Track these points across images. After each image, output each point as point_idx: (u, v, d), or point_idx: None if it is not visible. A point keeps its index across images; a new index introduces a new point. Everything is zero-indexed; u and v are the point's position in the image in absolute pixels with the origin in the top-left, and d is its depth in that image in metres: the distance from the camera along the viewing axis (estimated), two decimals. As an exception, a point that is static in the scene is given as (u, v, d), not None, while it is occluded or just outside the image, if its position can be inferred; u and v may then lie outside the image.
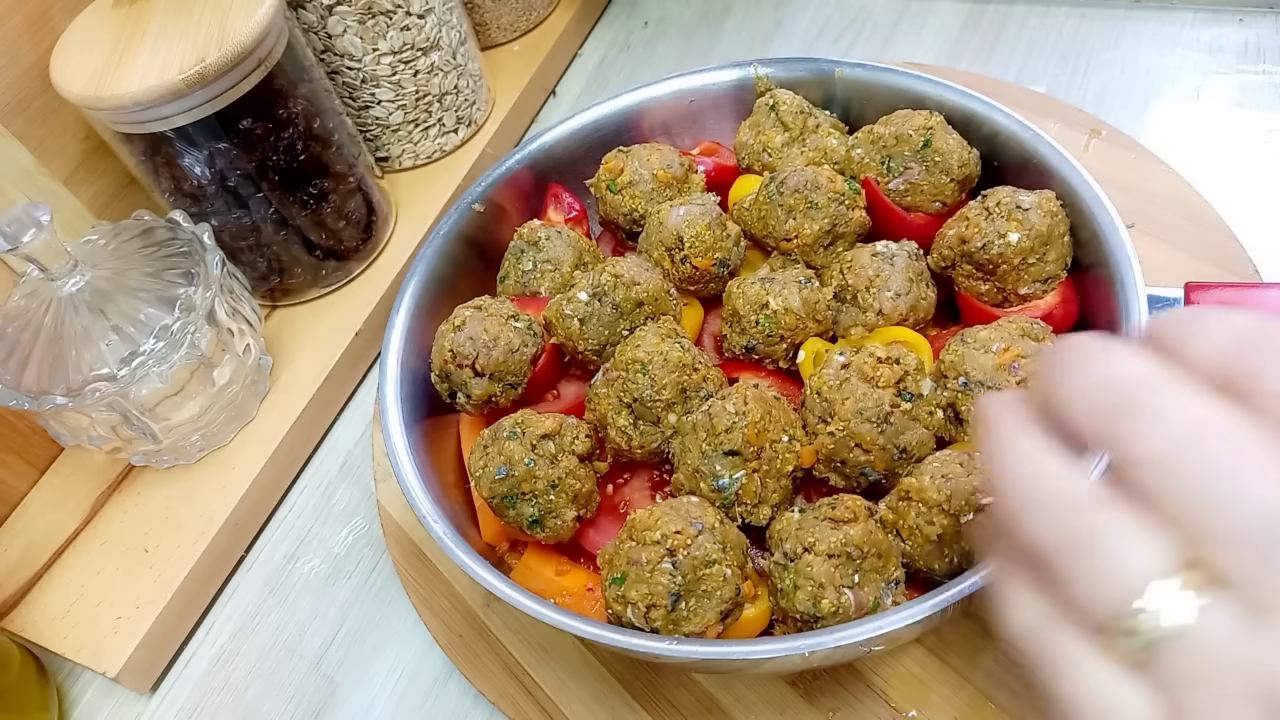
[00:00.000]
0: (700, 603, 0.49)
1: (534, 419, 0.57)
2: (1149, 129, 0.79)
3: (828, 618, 0.48)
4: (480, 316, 0.62)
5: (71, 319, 0.64)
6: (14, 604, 0.69)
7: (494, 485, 0.55)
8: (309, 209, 0.77)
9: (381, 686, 0.65)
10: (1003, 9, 0.93)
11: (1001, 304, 0.60)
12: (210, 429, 0.72)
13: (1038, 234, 0.57)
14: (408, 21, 0.80)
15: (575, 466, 0.56)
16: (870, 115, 0.68)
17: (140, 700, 0.68)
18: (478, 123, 0.92)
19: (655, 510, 0.50)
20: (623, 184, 0.68)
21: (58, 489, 0.75)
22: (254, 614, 0.70)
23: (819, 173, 0.62)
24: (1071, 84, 0.85)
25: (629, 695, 0.58)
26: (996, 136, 0.64)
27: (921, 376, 0.53)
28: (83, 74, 0.66)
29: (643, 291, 0.60)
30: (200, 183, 0.71)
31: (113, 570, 0.69)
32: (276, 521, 0.75)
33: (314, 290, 0.82)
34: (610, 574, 0.50)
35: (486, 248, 0.71)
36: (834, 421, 0.52)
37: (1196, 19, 0.87)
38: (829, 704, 0.56)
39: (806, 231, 0.62)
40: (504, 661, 0.61)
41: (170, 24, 0.67)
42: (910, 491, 0.51)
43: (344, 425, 0.80)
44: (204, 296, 0.66)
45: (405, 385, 0.62)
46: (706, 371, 0.57)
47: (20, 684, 0.64)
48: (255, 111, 0.70)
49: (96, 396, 0.63)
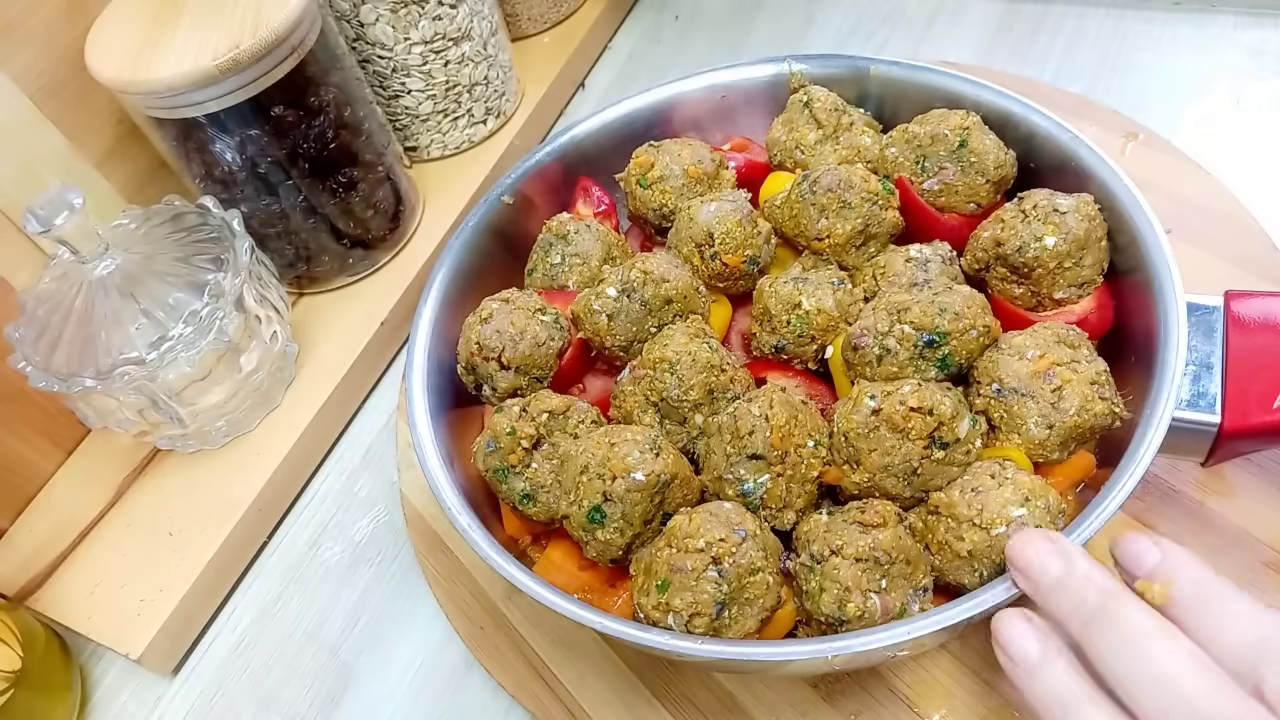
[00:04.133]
0: (743, 610, 0.48)
1: (543, 396, 0.58)
2: (1187, 133, 0.78)
3: (852, 621, 0.47)
4: (507, 309, 0.61)
5: (101, 302, 0.64)
6: (39, 584, 0.69)
7: (487, 459, 0.56)
8: (338, 197, 0.77)
9: (401, 676, 0.65)
10: (1040, 8, 0.92)
11: (1036, 308, 0.59)
12: (236, 414, 0.73)
13: (1074, 238, 0.56)
14: (440, 11, 0.80)
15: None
16: (905, 114, 0.67)
17: (162, 682, 0.68)
18: (506, 114, 0.92)
19: (695, 516, 0.50)
20: (653, 179, 0.68)
21: (84, 471, 0.76)
22: (275, 600, 0.71)
23: (852, 172, 0.61)
24: (1109, 86, 0.84)
25: (649, 692, 0.58)
26: (1034, 138, 0.63)
27: (958, 421, 0.51)
28: (117, 58, 0.66)
29: (672, 289, 0.59)
30: (231, 169, 0.71)
31: (137, 553, 0.70)
32: (299, 508, 0.75)
33: (341, 278, 0.82)
34: (649, 580, 0.49)
35: (515, 240, 0.71)
36: (859, 470, 0.52)
37: (1238, 22, 0.85)
38: (851, 707, 0.55)
39: (839, 231, 0.61)
40: (524, 654, 0.61)
41: (205, 9, 0.68)
42: (940, 506, 0.50)
43: (368, 414, 0.80)
44: (233, 282, 0.67)
45: (432, 376, 0.62)
46: (734, 373, 0.57)
47: (44, 663, 0.64)
48: (287, 99, 0.70)
49: (125, 380, 0.63)
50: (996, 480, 0.49)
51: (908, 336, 0.53)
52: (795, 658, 0.46)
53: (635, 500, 0.50)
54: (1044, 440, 0.52)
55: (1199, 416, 0.51)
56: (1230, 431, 0.50)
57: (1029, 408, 0.52)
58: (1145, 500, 0.59)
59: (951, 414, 0.50)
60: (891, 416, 0.51)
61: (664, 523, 0.52)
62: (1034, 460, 0.53)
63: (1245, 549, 0.56)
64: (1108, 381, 0.53)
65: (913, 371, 0.53)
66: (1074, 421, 0.51)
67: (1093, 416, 0.51)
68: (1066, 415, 0.51)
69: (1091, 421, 0.51)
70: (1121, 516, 0.57)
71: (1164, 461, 0.58)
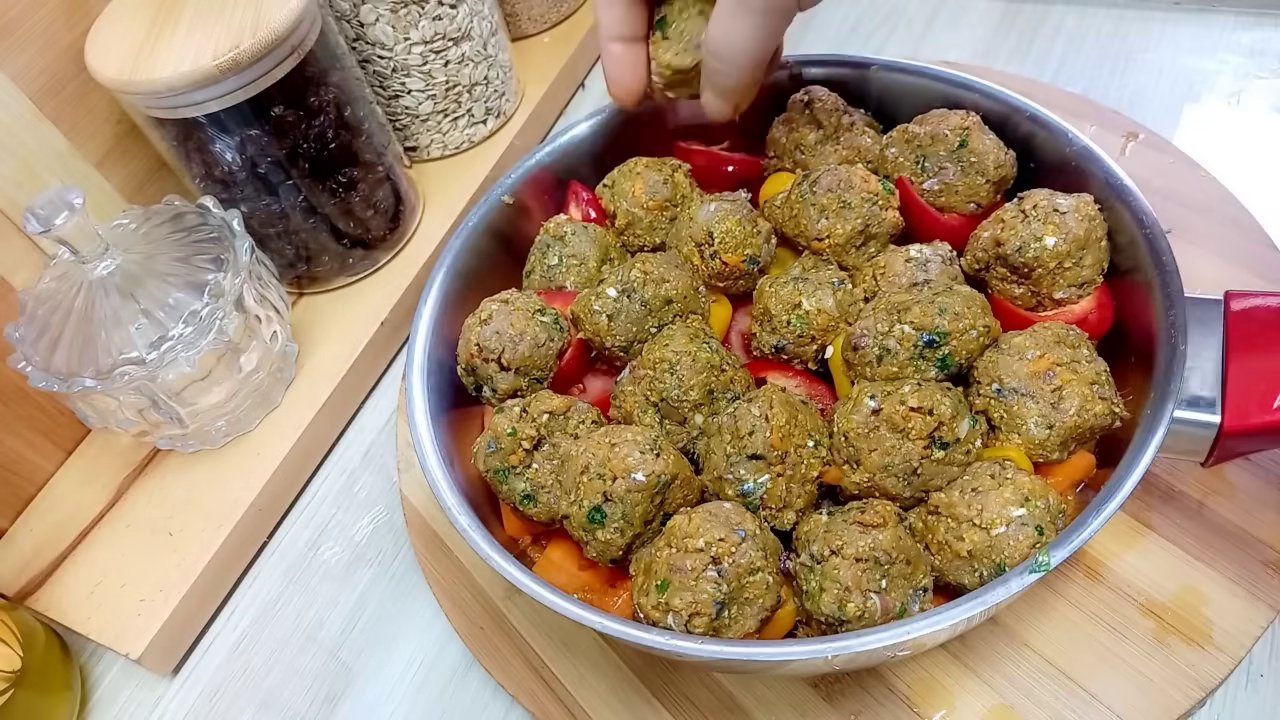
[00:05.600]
0: (742, 610, 0.48)
1: (543, 396, 0.58)
2: (1187, 133, 0.78)
3: (852, 621, 0.47)
4: (507, 310, 0.61)
5: (101, 302, 0.64)
6: (39, 584, 0.69)
7: (487, 459, 0.56)
8: (338, 197, 0.77)
9: (400, 676, 0.65)
10: (1040, 8, 0.92)
11: (1036, 308, 0.59)
12: (236, 414, 0.73)
13: (1074, 238, 0.56)
14: (440, 11, 0.80)
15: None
16: (905, 114, 0.67)
17: (162, 682, 0.68)
18: (506, 114, 0.92)
19: (694, 516, 0.50)
20: (622, 225, 0.68)
21: (84, 471, 0.76)
22: (275, 600, 0.71)
23: (853, 172, 0.61)
24: (1109, 86, 0.84)
25: (649, 691, 0.58)
26: (1034, 138, 0.63)
27: (959, 421, 0.51)
28: (117, 58, 0.66)
29: (672, 289, 0.59)
30: (231, 169, 0.71)
31: (137, 553, 0.70)
32: (299, 508, 0.75)
33: (341, 278, 0.82)
34: (648, 580, 0.49)
35: (514, 241, 0.71)
36: (859, 470, 0.52)
37: (1238, 21, 0.85)
38: (851, 706, 0.55)
39: (839, 231, 0.61)
40: (524, 654, 0.61)
41: (205, 9, 0.68)
42: (939, 506, 0.50)
43: (368, 414, 0.80)
44: (233, 282, 0.67)
45: (432, 376, 0.62)
46: (734, 373, 0.57)
47: (44, 663, 0.64)
48: (287, 99, 0.70)
49: (125, 380, 0.63)
50: (996, 480, 0.49)
51: (908, 336, 0.53)
52: (795, 658, 0.46)
53: (635, 500, 0.50)
54: (1044, 440, 0.52)
55: (1199, 416, 0.51)
56: (1230, 431, 0.50)
57: (1029, 408, 0.52)
58: (1145, 500, 0.59)
59: (951, 414, 0.50)
60: (891, 416, 0.51)
61: (664, 523, 0.52)
62: (1034, 460, 0.53)
63: (1245, 549, 0.56)
64: (1108, 381, 0.53)
65: (913, 371, 0.53)
66: (1074, 421, 0.51)
67: (1093, 416, 0.51)
68: (1066, 415, 0.51)
69: (1091, 421, 0.51)
70: (1121, 516, 0.58)
71: (1164, 461, 0.58)
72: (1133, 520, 0.58)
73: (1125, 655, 0.54)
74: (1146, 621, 0.55)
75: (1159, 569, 0.56)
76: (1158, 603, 0.55)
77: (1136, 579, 0.56)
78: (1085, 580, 0.57)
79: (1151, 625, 0.55)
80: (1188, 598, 0.55)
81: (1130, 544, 0.58)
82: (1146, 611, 0.55)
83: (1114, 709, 0.52)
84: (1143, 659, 0.54)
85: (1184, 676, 0.53)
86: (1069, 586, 0.57)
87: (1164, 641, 0.54)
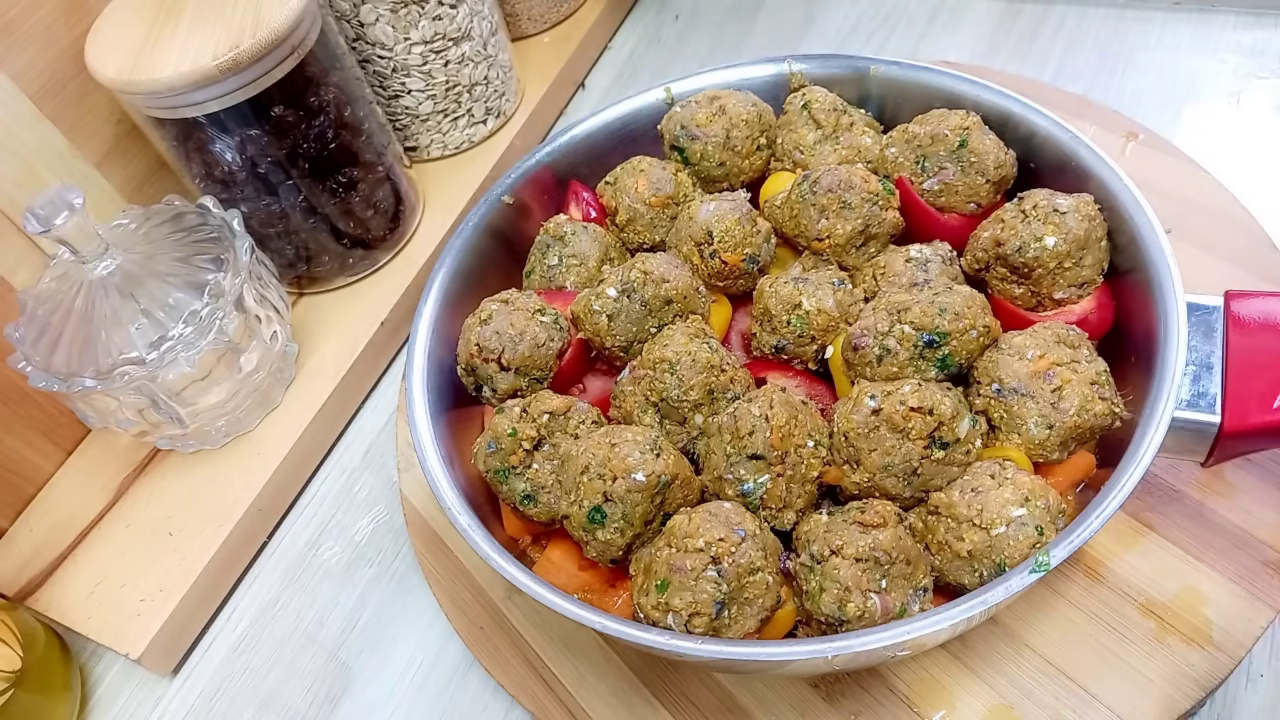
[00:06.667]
0: (742, 610, 0.48)
1: (543, 396, 0.58)
2: (1187, 133, 0.78)
3: (852, 621, 0.47)
4: (507, 310, 0.61)
5: (101, 302, 0.64)
6: (39, 584, 0.69)
7: (487, 459, 0.56)
8: (338, 197, 0.77)
9: (400, 676, 0.65)
10: (1040, 8, 0.92)
11: (1036, 308, 0.59)
12: (236, 414, 0.73)
13: (1074, 238, 0.56)
14: (440, 11, 0.80)
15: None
16: (905, 114, 0.67)
17: (162, 682, 0.68)
18: (506, 114, 0.92)
19: (694, 516, 0.50)
20: (623, 222, 0.68)
21: (84, 471, 0.76)
22: (275, 600, 0.71)
23: (853, 172, 0.61)
24: (1109, 86, 0.84)
25: (648, 691, 0.58)
26: (1034, 138, 0.63)
27: (959, 421, 0.51)
28: (117, 58, 0.66)
29: (672, 289, 0.60)
30: (231, 169, 0.71)
31: (137, 553, 0.70)
32: (299, 508, 0.75)
33: (341, 278, 0.82)
34: (648, 580, 0.50)
35: (514, 241, 0.71)
36: (859, 470, 0.52)
37: (1238, 22, 0.85)
38: (851, 706, 0.55)
39: (839, 232, 0.61)
40: (524, 654, 0.61)
41: (205, 9, 0.68)
42: (939, 506, 0.50)
43: (368, 414, 0.80)
44: (233, 282, 0.67)
45: (432, 376, 0.62)
46: (734, 373, 0.57)
47: (44, 663, 0.64)
48: (287, 99, 0.70)
49: (125, 380, 0.63)
50: (996, 480, 0.49)
51: (908, 336, 0.53)
52: (795, 658, 0.46)
53: (635, 500, 0.50)
54: (1044, 440, 0.52)
55: (1199, 416, 0.51)
56: (1230, 431, 0.50)
57: (1029, 408, 0.52)
58: (1145, 500, 0.59)
59: (951, 414, 0.50)
60: (891, 416, 0.51)
61: (664, 523, 0.52)
62: (1034, 460, 0.53)
63: (1245, 549, 0.56)
64: (1108, 381, 0.53)
65: (913, 371, 0.53)
66: (1074, 421, 0.51)
67: (1093, 416, 0.51)
68: (1066, 415, 0.51)
69: (1091, 421, 0.51)
70: (1121, 516, 0.58)
71: (1164, 461, 0.58)
72: (1133, 520, 0.58)
73: (1125, 655, 0.54)
74: (1146, 621, 0.55)
75: (1159, 569, 0.56)
76: (1158, 603, 0.55)
77: (1136, 579, 0.56)
78: (1085, 580, 0.57)
79: (1151, 625, 0.55)
80: (1188, 598, 0.55)
81: (1130, 544, 0.58)
82: (1146, 611, 0.55)
83: (1114, 709, 0.52)
84: (1143, 659, 0.54)
85: (1184, 676, 0.53)
86: (1069, 586, 0.57)
87: (1164, 641, 0.54)
